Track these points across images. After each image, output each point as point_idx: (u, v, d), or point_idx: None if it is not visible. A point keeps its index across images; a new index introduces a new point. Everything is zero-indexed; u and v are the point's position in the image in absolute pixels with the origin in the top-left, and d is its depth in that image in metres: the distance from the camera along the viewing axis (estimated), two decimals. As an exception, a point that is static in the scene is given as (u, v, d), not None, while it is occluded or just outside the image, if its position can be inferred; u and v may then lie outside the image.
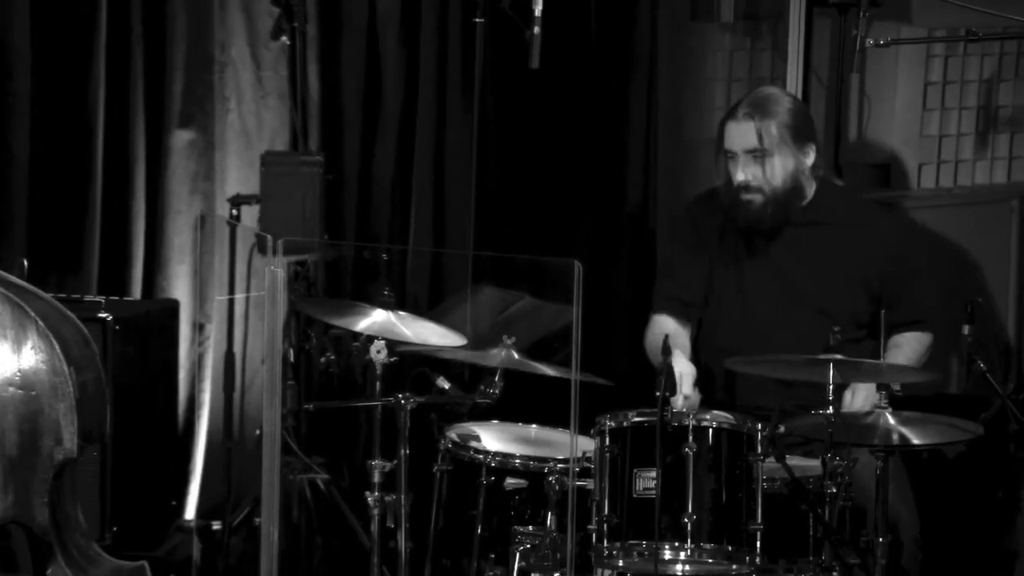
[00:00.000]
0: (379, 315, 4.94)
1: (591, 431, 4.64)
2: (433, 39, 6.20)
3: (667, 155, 6.58)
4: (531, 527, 4.75)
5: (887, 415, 4.57)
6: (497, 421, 5.09)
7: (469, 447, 4.89)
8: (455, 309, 5.77)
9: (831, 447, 4.51)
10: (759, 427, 4.59)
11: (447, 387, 4.98)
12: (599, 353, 5.35)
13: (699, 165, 6.48)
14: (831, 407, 4.50)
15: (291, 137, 6.01)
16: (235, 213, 5.67)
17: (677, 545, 4.49)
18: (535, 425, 5.10)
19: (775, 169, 5.13)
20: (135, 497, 5.52)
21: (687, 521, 4.49)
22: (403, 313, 4.97)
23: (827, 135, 6.83)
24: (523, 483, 4.83)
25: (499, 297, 5.84)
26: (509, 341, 4.90)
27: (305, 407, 5.62)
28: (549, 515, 4.73)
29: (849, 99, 7.01)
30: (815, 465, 4.66)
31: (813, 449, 4.80)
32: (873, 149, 7.12)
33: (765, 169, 5.12)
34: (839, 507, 4.58)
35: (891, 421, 4.55)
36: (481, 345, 5.02)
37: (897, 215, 6.64)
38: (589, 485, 4.63)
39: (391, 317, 4.94)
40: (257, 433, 5.66)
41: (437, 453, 4.92)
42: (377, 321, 4.93)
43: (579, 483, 4.64)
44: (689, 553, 4.49)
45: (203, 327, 6.08)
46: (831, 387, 4.52)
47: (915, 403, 4.87)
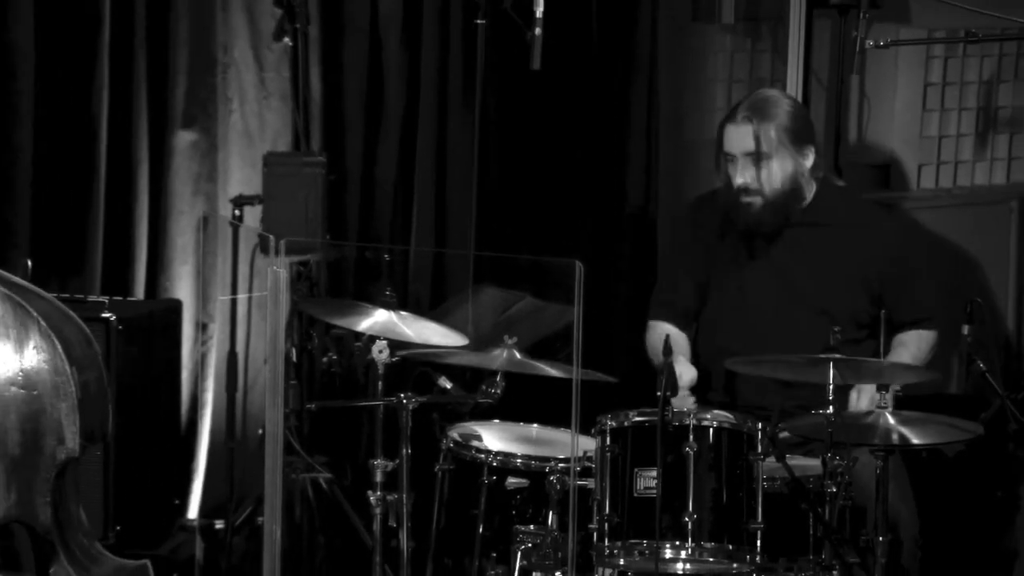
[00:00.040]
0: (381, 315, 4.93)
1: (592, 431, 4.63)
2: (435, 41, 6.19)
3: (668, 156, 6.57)
4: (532, 526, 4.74)
5: (887, 415, 4.56)
6: (498, 421, 5.08)
7: (471, 446, 4.88)
8: (457, 309, 5.76)
9: (831, 447, 4.50)
10: (759, 427, 4.58)
11: (449, 387, 4.98)
12: (600, 353, 5.35)
13: (700, 166, 6.47)
14: (831, 407, 4.49)
15: (293, 138, 6.01)
16: (238, 214, 5.67)
17: (678, 544, 4.48)
18: (536, 425, 5.08)
19: (773, 172, 5.11)
20: (138, 496, 5.51)
21: (688, 520, 4.48)
22: (405, 313, 4.97)
23: (827, 136, 6.82)
24: (524, 482, 4.82)
25: (501, 297, 5.84)
26: (511, 341, 4.89)
27: (307, 407, 5.62)
28: (550, 514, 4.72)
29: (849, 100, 7.00)
30: (815, 464, 4.65)
31: (813, 449, 4.79)
32: (873, 150, 7.11)
33: (764, 172, 5.11)
34: (839, 506, 4.57)
35: (891, 421, 4.54)
36: (483, 345, 5.01)
37: (897, 215, 6.63)
38: (590, 484, 4.63)
39: (393, 317, 4.93)
40: (260, 432, 5.66)
41: (439, 452, 4.91)
42: (379, 321, 4.93)
43: (580, 482, 4.64)
44: (690, 552, 4.48)
45: (206, 327, 6.08)
46: (831, 387, 4.51)
47: (915, 403, 4.86)
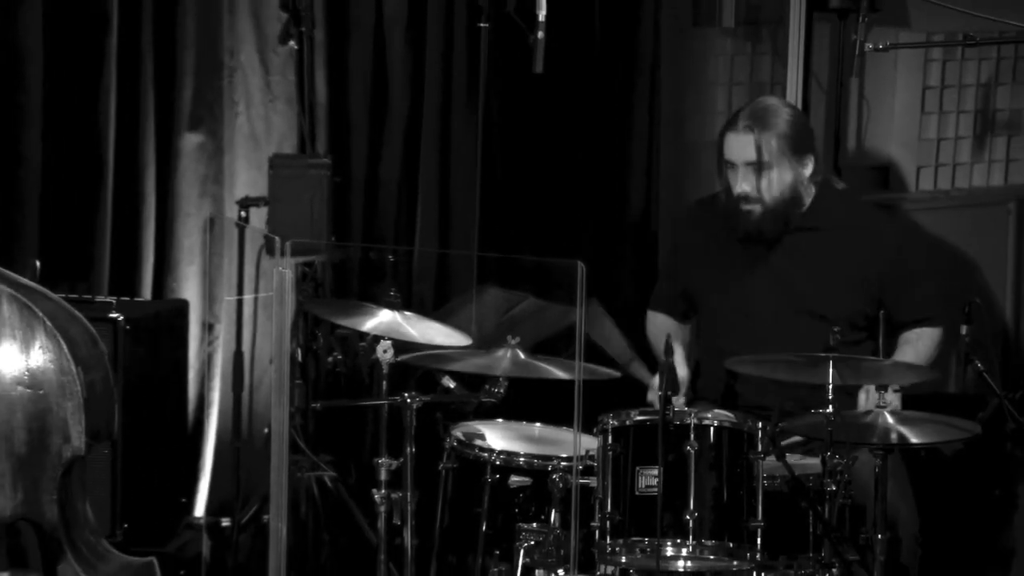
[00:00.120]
0: (385, 315, 4.92)
1: (594, 430, 4.63)
2: (439, 44, 6.18)
3: (669, 158, 6.56)
4: (535, 524, 4.73)
5: (886, 414, 4.55)
6: (502, 420, 5.07)
7: (474, 445, 4.87)
8: (460, 309, 5.75)
9: (830, 446, 4.49)
10: (760, 426, 4.57)
11: (452, 386, 4.97)
12: (601, 353, 5.34)
13: (700, 168, 6.46)
14: (831, 406, 4.48)
15: (299, 140, 6.00)
16: (244, 215, 5.66)
17: (679, 542, 4.48)
18: (539, 424, 5.08)
19: (774, 181, 5.09)
20: (145, 494, 5.50)
21: (689, 518, 4.47)
22: (409, 313, 4.96)
23: (827, 138, 6.81)
24: (527, 481, 4.81)
25: (504, 298, 5.82)
26: (514, 341, 4.87)
27: (313, 406, 5.61)
28: (553, 512, 4.71)
29: (849, 103, 6.99)
30: (815, 463, 4.64)
31: (813, 448, 4.78)
32: (872, 152, 7.10)
33: (764, 181, 5.08)
34: (838, 505, 4.56)
35: (890, 420, 4.53)
36: (486, 345, 4.99)
37: (896, 217, 6.62)
38: (592, 483, 4.62)
39: (397, 317, 4.92)
40: (266, 431, 5.66)
41: (443, 451, 4.91)
42: (383, 321, 4.91)
43: (582, 481, 4.63)
44: (691, 550, 4.48)
45: (212, 327, 6.07)
46: (831, 386, 4.50)
47: (914, 402, 4.85)
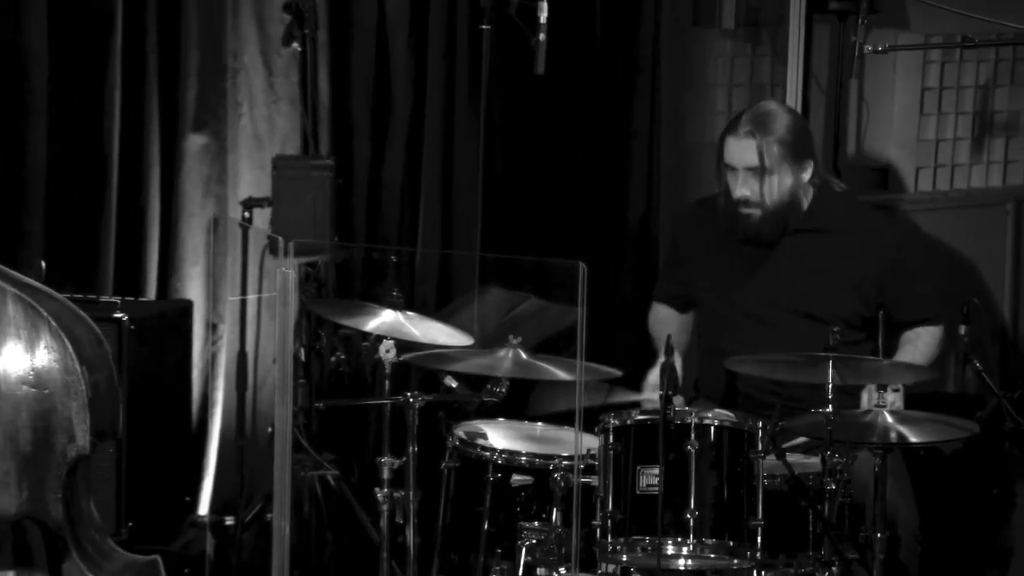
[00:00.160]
0: (388, 315, 4.92)
1: (595, 429, 4.63)
2: (441, 46, 6.18)
3: (669, 159, 6.56)
4: (537, 523, 4.73)
5: (885, 414, 4.54)
6: (503, 419, 5.07)
7: (476, 444, 4.87)
8: (463, 309, 5.75)
9: (830, 445, 4.49)
10: (760, 425, 4.57)
11: (454, 386, 4.97)
12: (603, 354, 5.33)
13: (700, 168, 6.45)
14: (830, 406, 4.48)
15: (302, 141, 5.99)
16: (247, 216, 5.66)
17: (680, 540, 4.48)
18: (541, 423, 5.08)
19: (774, 186, 5.08)
20: (150, 493, 5.50)
21: (689, 517, 4.47)
22: (411, 313, 4.96)
23: (826, 140, 6.81)
24: (529, 480, 4.81)
25: (506, 298, 5.82)
26: (515, 341, 4.87)
27: (316, 405, 5.60)
28: (554, 511, 4.71)
29: (848, 104, 6.99)
30: (815, 462, 4.64)
31: (813, 447, 4.77)
32: (871, 153, 7.10)
33: (765, 186, 5.07)
34: (838, 503, 4.56)
35: (889, 420, 4.52)
36: (488, 345, 4.99)
37: (895, 218, 6.62)
38: (593, 482, 4.62)
39: (400, 317, 4.92)
40: (269, 431, 5.65)
41: (445, 450, 4.91)
42: (386, 321, 4.91)
43: (584, 480, 4.62)
44: (691, 548, 4.48)
45: (216, 327, 6.06)
46: (830, 386, 4.50)
47: (913, 402, 4.85)
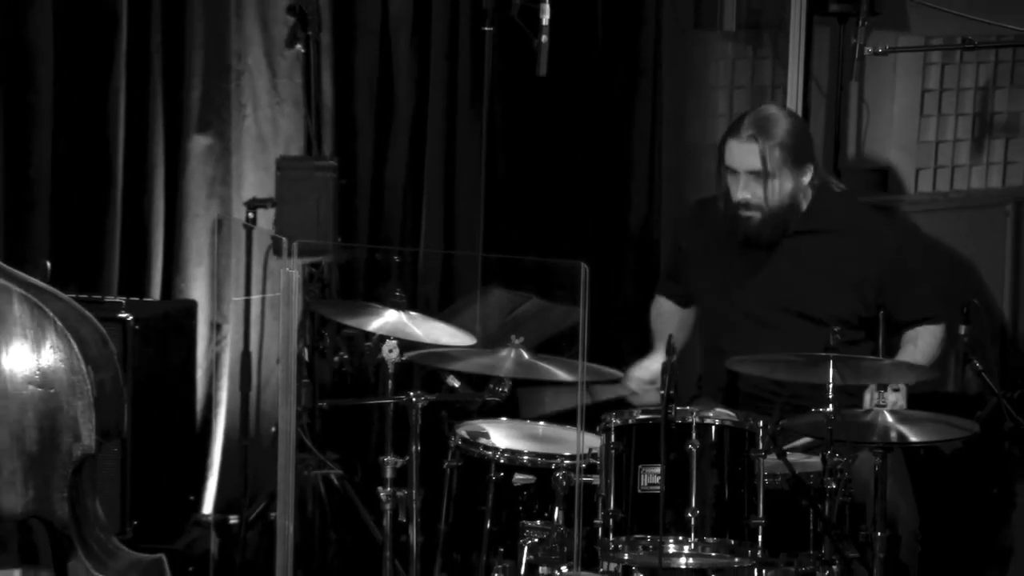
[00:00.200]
0: (391, 315, 4.92)
1: (597, 428, 4.63)
2: (444, 48, 6.18)
3: (670, 160, 6.56)
4: (539, 522, 4.73)
5: (885, 413, 4.55)
6: (506, 419, 5.08)
7: (479, 444, 4.87)
8: (465, 309, 5.75)
9: (831, 444, 4.49)
10: (761, 424, 4.57)
11: (457, 385, 4.97)
12: (605, 355, 5.33)
13: (701, 170, 6.45)
14: (830, 405, 4.48)
15: (305, 142, 6.00)
16: (251, 216, 5.66)
17: (681, 539, 4.48)
18: (543, 422, 5.08)
19: (775, 190, 5.08)
20: (154, 492, 5.50)
21: (691, 516, 4.47)
22: (414, 313, 4.96)
23: (827, 141, 6.81)
24: (531, 479, 4.82)
25: (508, 298, 5.82)
26: (518, 341, 4.87)
27: (319, 405, 5.61)
28: (556, 510, 4.72)
29: (848, 106, 6.99)
30: (815, 462, 4.64)
31: (815, 446, 4.77)
32: (872, 155, 7.10)
33: (766, 189, 5.07)
34: (839, 502, 4.56)
35: (889, 419, 4.52)
36: (490, 345, 4.99)
37: (894, 218, 6.62)
38: (595, 481, 4.62)
39: (403, 317, 4.92)
40: (273, 430, 5.64)
41: (447, 450, 4.91)
42: (389, 321, 4.92)
43: (586, 479, 4.62)
44: (692, 547, 4.48)
45: (220, 327, 6.06)
46: (831, 386, 4.50)
47: (913, 402, 4.85)
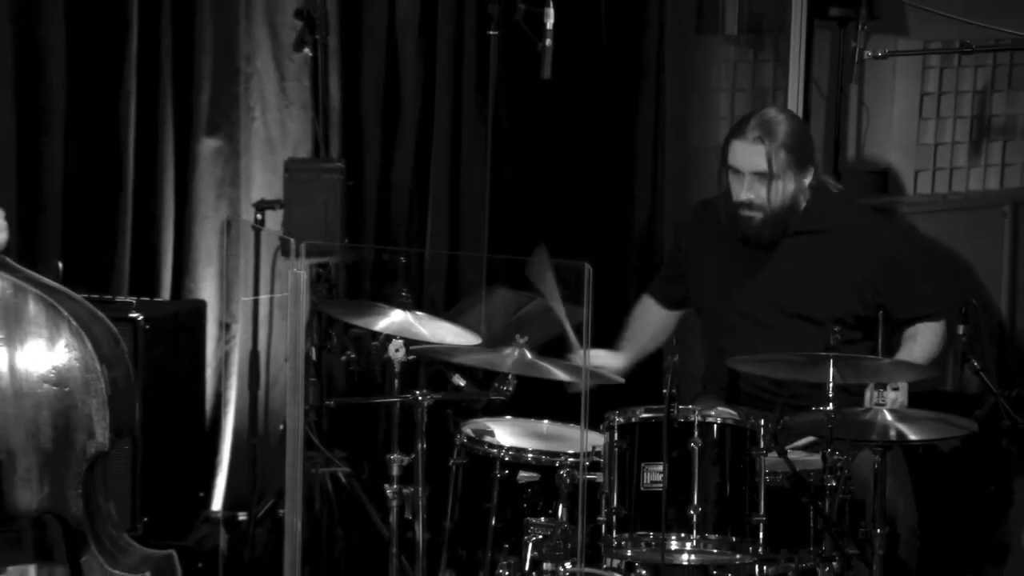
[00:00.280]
0: (397, 315, 4.93)
1: (600, 426, 4.63)
2: (449, 52, 6.19)
3: (673, 162, 6.57)
4: (543, 519, 4.74)
5: (885, 412, 4.55)
6: (510, 417, 5.08)
7: (484, 442, 4.88)
8: (470, 309, 5.76)
9: (831, 442, 4.50)
10: (762, 423, 4.58)
11: (462, 384, 4.98)
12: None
13: (704, 172, 6.47)
14: (831, 404, 4.49)
15: (313, 145, 6.01)
16: (260, 218, 5.67)
17: (683, 536, 4.49)
18: (547, 421, 5.08)
19: (778, 191, 5.09)
20: (165, 489, 5.51)
21: (693, 513, 4.48)
22: (420, 313, 4.96)
23: (827, 143, 6.82)
24: (535, 476, 4.82)
25: (512, 298, 5.83)
26: (522, 340, 4.88)
27: (327, 403, 5.62)
28: (560, 507, 4.72)
29: (848, 109, 7.00)
30: (816, 460, 4.65)
31: (816, 444, 4.78)
32: (871, 157, 7.11)
33: (770, 191, 5.08)
34: (839, 500, 4.57)
35: (889, 418, 4.53)
36: (495, 344, 5.01)
37: (892, 218, 6.62)
38: (599, 478, 4.63)
39: (409, 317, 4.93)
40: (281, 428, 5.67)
41: (453, 448, 4.92)
42: (395, 321, 4.92)
43: (589, 476, 4.64)
44: (695, 543, 4.48)
45: (229, 327, 6.08)
46: (831, 385, 4.51)
47: (912, 401, 4.86)
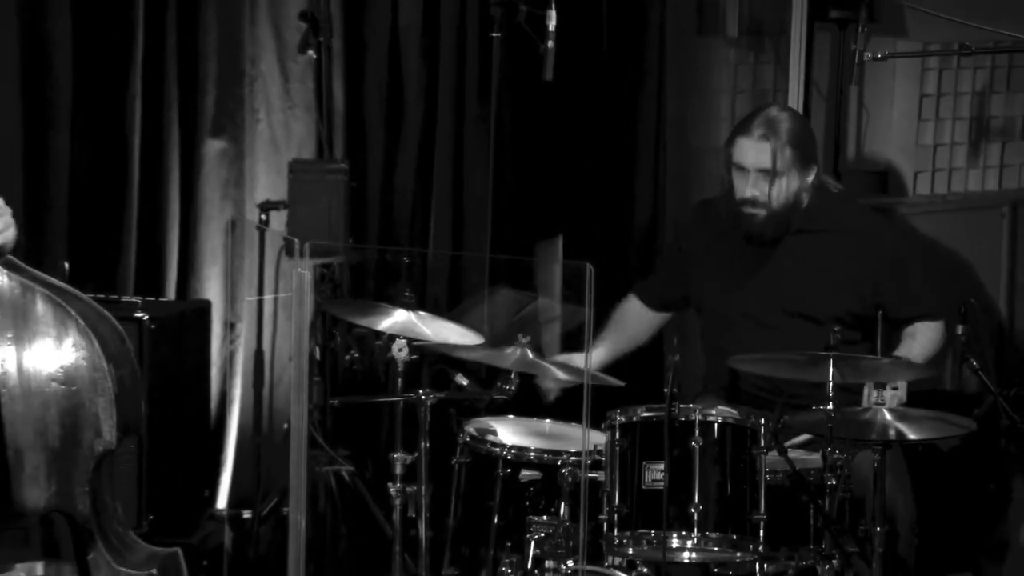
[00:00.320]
0: (400, 315, 4.94)
1: (602, 425, 4.64)
2: (452, 53, 6.20)
3: (674, 163, 6.57)
4: (545, 517, 4.74)
5: (884, 412, 4.56)
6: (513, 416, 5.09)
7: (486, 440, 4.88)
8: (473, 309, 5.77)
9: (831, 441, 4.51)
10: (762, 422, 4.58)
11: (465, 384, 4.98)
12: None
13: (705, 172, 6.48)
14: (831, 403, 4.50)
15: (317, 146, 6.02)
16: (264, 218, 5.68)
17: (684, 534, 4.49)
18: (549, 420, 5.09)
19: (782, 189, 5.10)
20: (170, 487, 5.52)
21: (694, 511, 4.49)
22: (423, 313, 4.97)
23: (827, 144, 6.82)
24: (538, 475, 4.83)
25: (515, 298, 5.84)
26: (524, 340, 4.89)
27: (331, 402, 5.63)
28: (562, 505, 4.73)
29: (848, 110, 7.00)
30: (816, 458, 4.66)
31: (814, 442, 4.79)
32: (871, 158, 7.11)
33: (774, 188, 5.09)
34: (838, 498, 4.57)
35: (888, 417, 4.53)
36: (497, 344, 5.01)
37: (891, 218, 6.63)
38: (600, 477, 4.64)
39: (412, 317, 4.93)
40: (285, 427, 5.67)
41: (456, 446, 4.92)
42: (399, 321, 4.93)
43: (591, 475, 4.65)
44: (695, 541, 4.49)
45: (234, 326, 6.08)
46: (831, 384, 4.51)
47: (912, 400, 4.86)
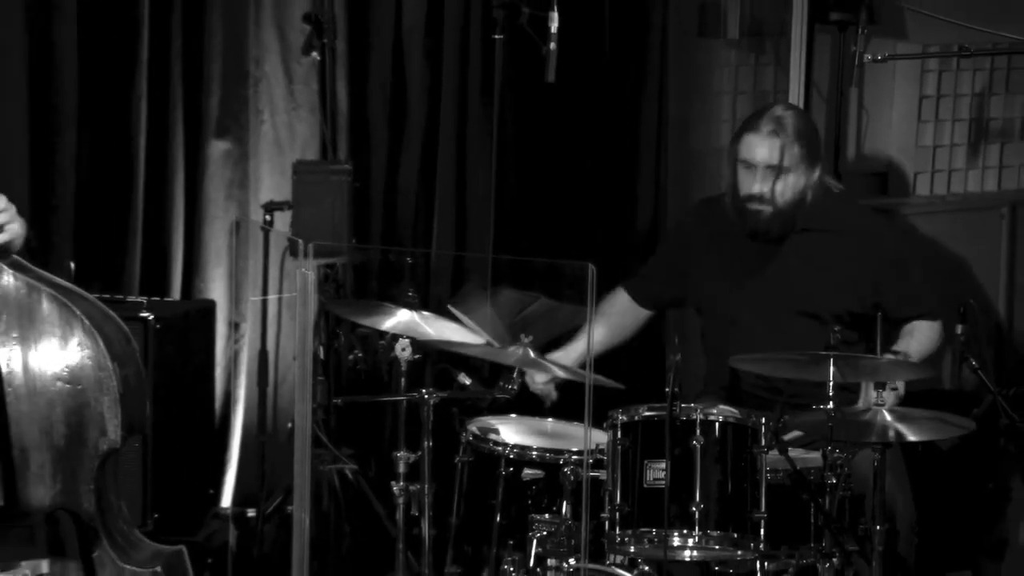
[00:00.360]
0: (404, 315, 4.95)
1: (604, 424, 4.65)
2: (455, 55, 6.20)
3: (675, 164, 6.57)
4: (547, 515, 4.75)
5: (884, 412, 4.56)
6: (515, 415, 5.09)
7: (489, 439, 4.89)
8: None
9: (831, 440, 4.51)
10: (763, 421, 4.59)
11: (468, 383, 4.99)
12: (609, 357, 5.35)
13: (706, 174, 6.48)
14: (831, 403, 4.50)
15: (321, 147, 6.02)
16: (268, 219, 5.68)
17: (685, 532, 4.50)
18: (551, 419, 5.10)
19: (789, 186, 5.10)
20: (175, 486, 5.53)
21: (695, 510, 4.49)
22: (426, 313, 4.98)
23: (827, 145, 6.80)
24: (540, 474, 4.83)
25: (517, 298, 5.84)
26: (526, 340, 4.90)
27: (334, 402, 5.64)
28: (564, 504, 4.73)
29: (848, 111, 7.00)
30: (816, 457, 4.66)
31: (814, 442, 4.79)
32: (871, 158, 7.11)
33: (780, 185, 5.09)
34: (839, 497, 4.58)
35: (888, 417, 4.53)
36: (500, 343, 5.01)
37: (891, 219, 6.63)
38: (602, 476, 4.64)
39: (415, 317, 4.94)
40: (289, 426, 5.67)
41: (459, 445, 4.93)
42: (402, 320, 4.94)
43: (593, 474, 4.65)
44: (697, 540, 4.50)
45: (238, 326, 6.09)
46: (831, 384, 4.51)
47: (911, 400, 4.87)
